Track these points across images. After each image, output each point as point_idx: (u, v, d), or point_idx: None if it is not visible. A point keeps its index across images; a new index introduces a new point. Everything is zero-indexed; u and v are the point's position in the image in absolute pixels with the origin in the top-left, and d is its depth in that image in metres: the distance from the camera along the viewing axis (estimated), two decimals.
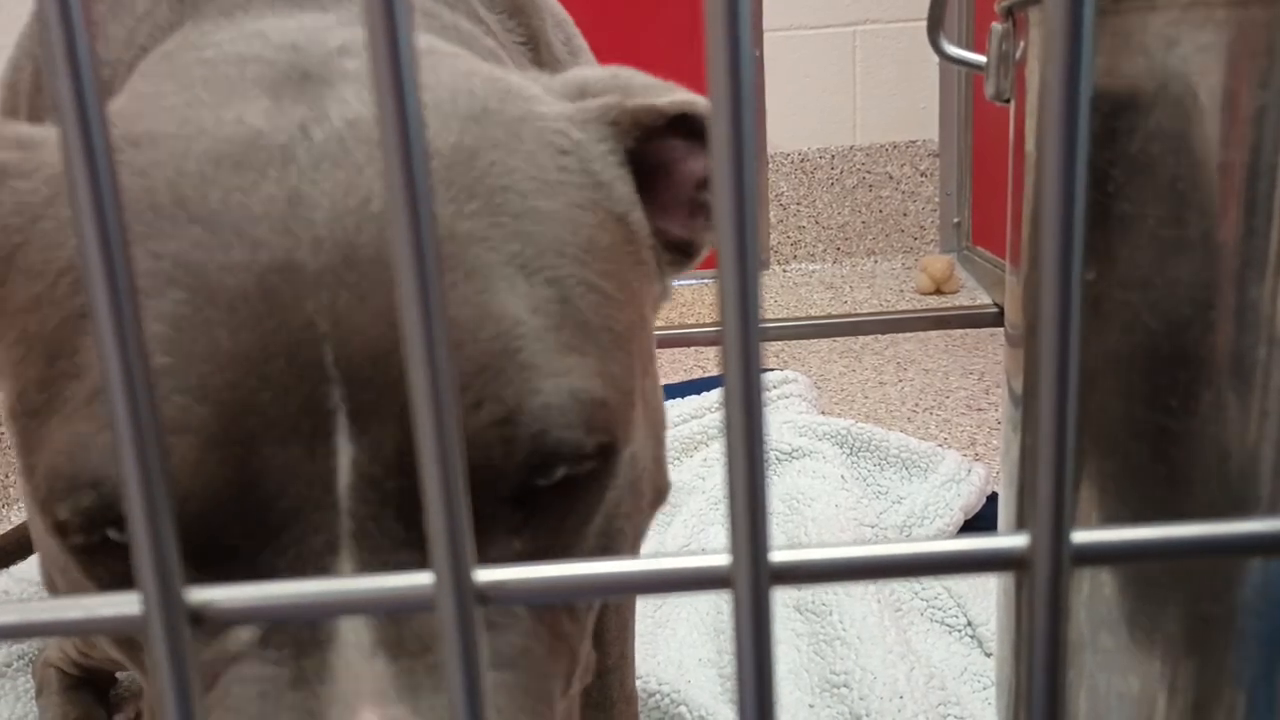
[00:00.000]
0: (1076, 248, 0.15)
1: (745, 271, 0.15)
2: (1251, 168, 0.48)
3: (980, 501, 1.16)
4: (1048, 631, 0.17)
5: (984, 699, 0.85)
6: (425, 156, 0.15)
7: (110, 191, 0.15)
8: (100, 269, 0.15)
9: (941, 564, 0.17)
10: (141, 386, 0.15)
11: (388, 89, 0.14)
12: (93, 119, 0.14)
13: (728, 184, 0.15)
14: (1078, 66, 0.15)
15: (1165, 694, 0.56)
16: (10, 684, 0.95)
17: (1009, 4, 0.61)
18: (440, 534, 0.16)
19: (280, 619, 0.15)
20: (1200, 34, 0.48)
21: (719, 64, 0.14)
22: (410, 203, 0.15)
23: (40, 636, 0.16)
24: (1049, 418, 0.16)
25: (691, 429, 1.40)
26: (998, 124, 2.13)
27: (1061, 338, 0.15)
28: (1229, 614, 0.53)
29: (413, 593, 0.16)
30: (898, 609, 0.97)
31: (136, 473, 0.15)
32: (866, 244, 2.58)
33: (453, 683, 0.16)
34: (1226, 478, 0.52)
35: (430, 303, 0.15)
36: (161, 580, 0.15)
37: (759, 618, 0.16)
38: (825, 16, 2.45)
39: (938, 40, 0.72)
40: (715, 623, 0.98)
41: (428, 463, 0.15)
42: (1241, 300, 0.50)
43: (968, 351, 1.84)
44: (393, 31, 0.14)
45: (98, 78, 0.14)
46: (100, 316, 0.15)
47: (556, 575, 0.17)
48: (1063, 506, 0.16)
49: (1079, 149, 0.15)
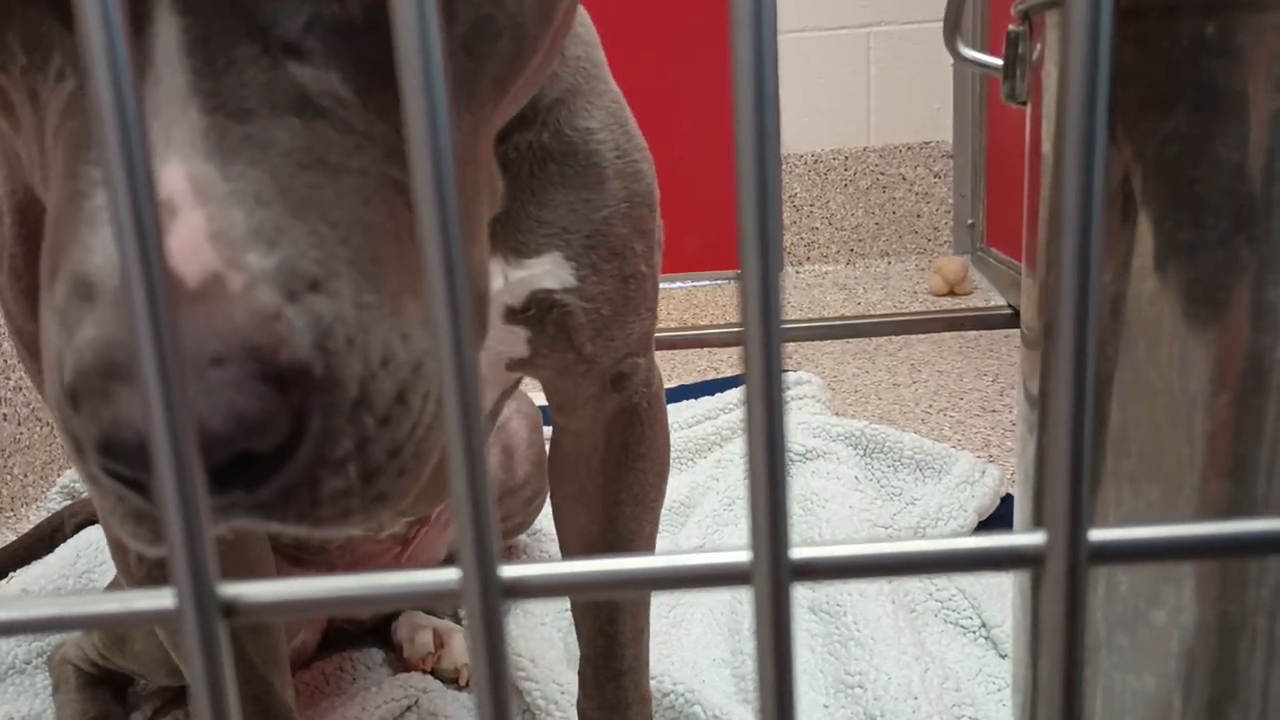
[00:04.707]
0: (1095, 250, 0.15)
1: (767, 272, 0.15)
2: (1269, 170, 0.48)
3: (994, 503, 1.16)
4: (1064, 630, 0.17)
5: (999, 700, 0.85)
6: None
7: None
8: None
9: (959, 561, 0.17)
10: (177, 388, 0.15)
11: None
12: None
13: (751, 187, 0.15)
14: (1097, 69, 0.15)
15: (1181, 693, 0.56)
16: (28, 680, 0.96)
17: (1026, 7, 0.61)
18: (468, 534, 0.16)
19: (311, 614, 0.16)
20: (1219, 37, 0.48)
21: (745, 70, 0.14)
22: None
23: (76, 630, 0.16)
24: (1067, 417, 0.16)
25: (706, 430, 1.40)
26: (1012, 125, 2.12)
27: (1079, 339, 0.16)
28: (1245, 613, 0.53)
29: (440, 587, 0.16)
30: (912, 610, 0.97)
31: (171, 471, 0.15)
32: (880, 245, 2.58)
33: (479, 677, 0.16)
34: (1246, 477, 0.52)
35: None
36: (194, 575, 0.16)
37: (779, 614, 0.17)
38: (840, 18, 2.45)
39: (954, 42, 0.72)
40: (729, 623, 0.98)
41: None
42: (1259, 302, 0.50)
43: (981, 353, 1.84)
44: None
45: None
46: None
47: (579, 571, 0.17)
48: (1080, 505, 0.16)
49: (1098, 151, 0.15)
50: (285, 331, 0.27)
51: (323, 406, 0.28)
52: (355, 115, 0.31)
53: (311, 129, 0.30)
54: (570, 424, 0.64)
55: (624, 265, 0.54)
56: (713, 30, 2.34)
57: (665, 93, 2.34)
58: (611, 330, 0.55)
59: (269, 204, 0.29)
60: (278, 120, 0.30)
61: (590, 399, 0.61)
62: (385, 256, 0.31)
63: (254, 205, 0.28)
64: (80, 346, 0.27)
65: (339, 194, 0.30)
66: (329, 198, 0.30)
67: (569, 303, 0.53)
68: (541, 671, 0.87)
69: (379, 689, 0.90)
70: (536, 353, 0.55)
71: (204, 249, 0.27)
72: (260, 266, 0.28)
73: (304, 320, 0.28)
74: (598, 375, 0.59)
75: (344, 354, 0.29)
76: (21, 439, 1.35)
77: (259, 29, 0.30)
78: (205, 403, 0.26)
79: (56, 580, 1.07)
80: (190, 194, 0.28)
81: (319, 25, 0.31)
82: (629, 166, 0.54)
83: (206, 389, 0.26)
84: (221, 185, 0.28)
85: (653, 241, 0.57)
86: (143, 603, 0.16)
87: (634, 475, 0.64)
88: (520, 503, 1.03)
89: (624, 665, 0.69)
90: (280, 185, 0.29)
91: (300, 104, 0.30)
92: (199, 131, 0.29)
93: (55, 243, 0.30)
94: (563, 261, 0.52)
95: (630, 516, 0.65)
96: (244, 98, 0.30)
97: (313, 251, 0.29)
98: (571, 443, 0.65)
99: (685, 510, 1.23)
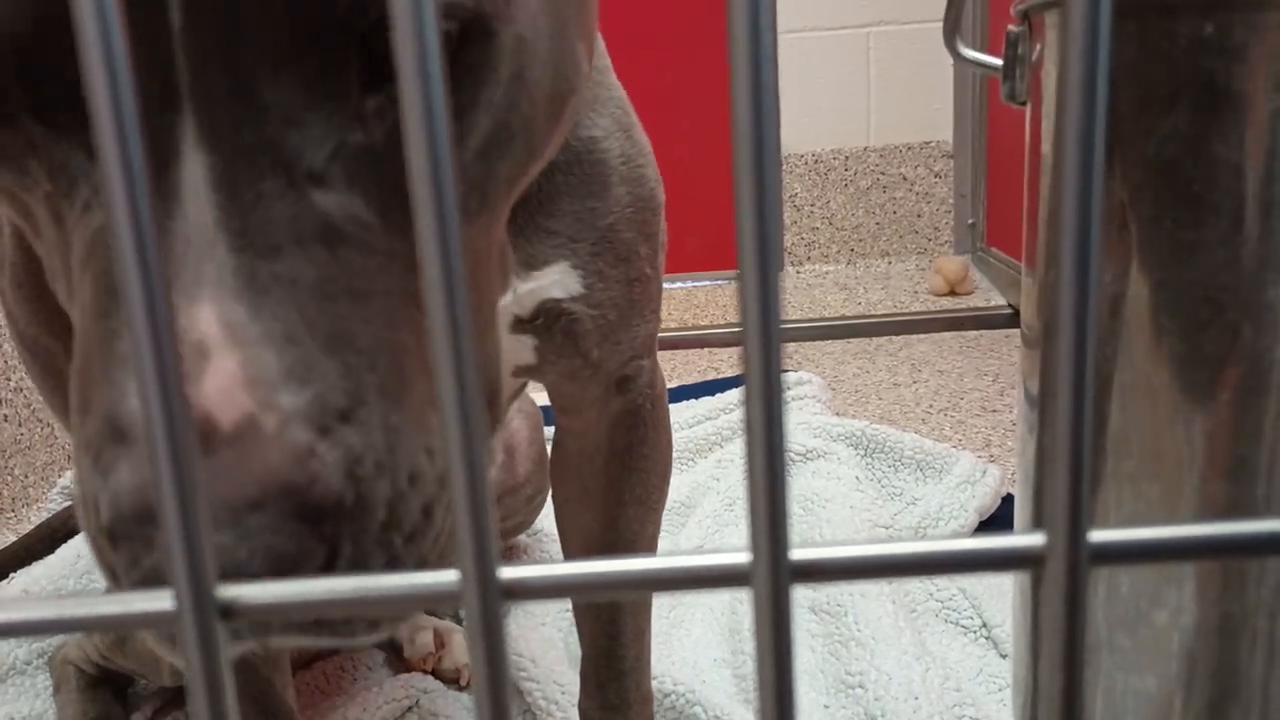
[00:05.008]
0: (1094, 249, 0.15)
1: (767, 272, 0.15)
2: (1269, 169, 0.48)
3: (995, 503, 1.16)
4: (1065, 630, 0.17)
5: (999, 700, 0.85)
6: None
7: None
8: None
9: (960, 562, 0.17)
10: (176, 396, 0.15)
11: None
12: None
13: (750, 187, 0.15)
14: (1096, 69, 0.15)
15: (1182, 694, 0.56)
16: (29, 681, 0.96)
17: (1025, 7, 0.61)
18: (468, 535, 0.16)
19: (311, 616, 0.16)
20: (1218, 36, 0.48)
21: (742, 70, 0.14)
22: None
23: (74, 631, 0.16)
24: (1067, 417, 0.16)
25: (706, 430, 1.40)
26: (1012, 125, 2.12)
27: (1079, 338, 0.16)
28: (1246, 614, 0.53)
29: (440, 589, 0.16)
30: (912, 610, 0.97)
31: (170, 473, 0.15)
32: (880, 245, 2.58)
33: (479, 678, 0.16)
34: (1245, 478, 0.52)
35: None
36: (193, 577, 0.16)
37: (779, 615, 0.17)
38: (840, 18, 2.45)
39: (954, 42, 0.72)
40: (730, 623, 0.98)
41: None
42: (1259, 301, 0.50)
43: (982, 353, 1.84)
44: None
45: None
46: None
47: (578, 573, 0.17)
48: (1080, 505, 0.16)
49: (1097, 151, 0.15)
50: (319, 467, 0.28)
51: (353, 533, 0.29)
52: (377, 236, 0.32)
53: (337, 257, 0.31)
54: (574, 425, 0.64)
55: (629, 270, 0.55)
56: (712, 30, 2.34)
57: (665, 93, 2.34)
58: (617, 335, 0.56)
59: (299, 342, 0.29)
60: (304, 253, 0.31)
61: (595, 401, 0.61)
62: (410, 374, 0.32)
63: (284, 345, 0.29)
64: (118, 491, 0.28)
65: (365, 320, 0.31)
66: (355, 326, 0.31)
67: (576, 310, 0.53)
68: (542, 672, 0.87)
69: (379, 689, 0.90)
70: (544, 360, 0.55)
71: (238, 392, 0.28)
72: (293, 405, 0.28)
73: (336, 454, 0.29)
74: (603, 379, 0.59)
75: (373, 480, 0.29)
76: (22, 440, 1.35)
77: (284, 161, 0.31)
78: (244, 548, 0.27)
79: (57, 581, 1.07)
80: (222, 336, 0.29)
81: (343, 154, 0.32)
82: (633, 171, 0.54)
83: (245, 533, 0.27)
84: (252, 326, 0.29)
85: (657, 244, 0.57)
86: (142, 604, 0.16)
87: (637, 476, 0.64)
88: (521, 501, 1.03)
89: (625, 665, 0.69)
90: (308, 320, 0.30)
91: (325, 233, 0.31)
92: (228, 270, 0.29)
93: (86, 379, 0.30)
94: (570, 270, 0.52)
95: (633, 518, 0.65)
96: (271, 233, 0.30)
97: (342, 383, 0.30)
98: (575, 443, 0.65)
99: (685, 511, 1.23)
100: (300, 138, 0.31)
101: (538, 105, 0.37)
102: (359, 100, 0.32)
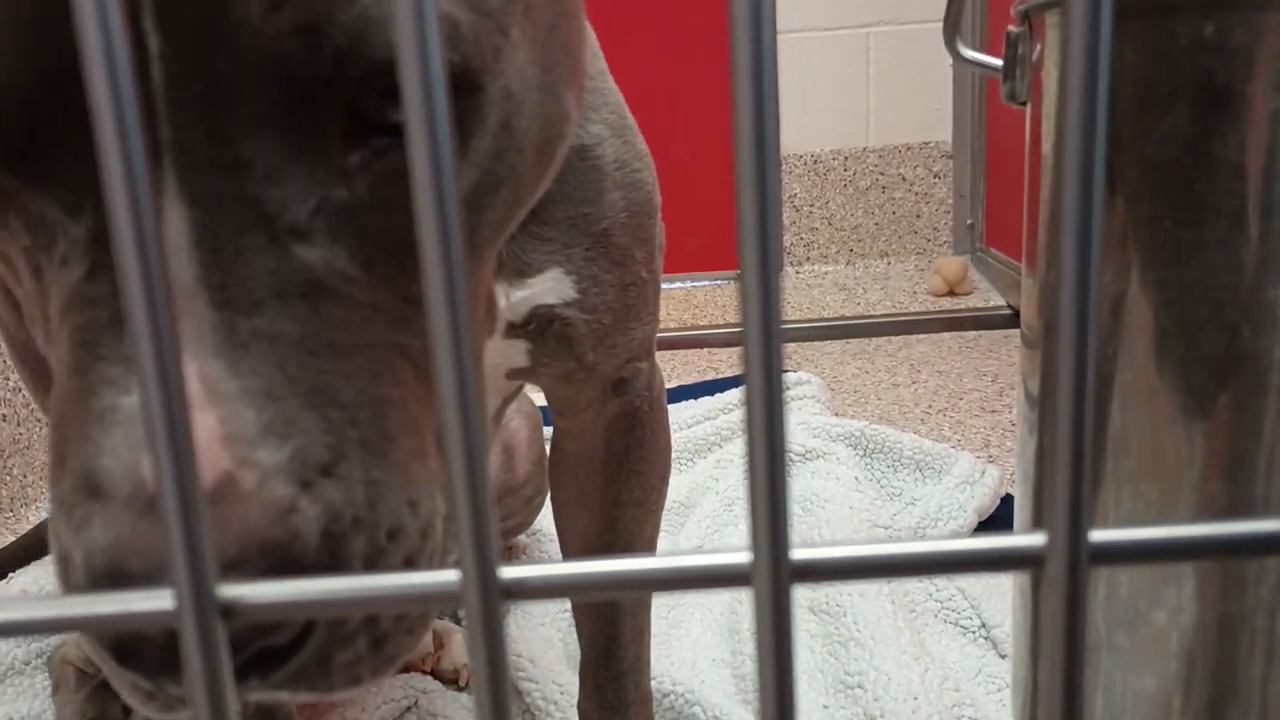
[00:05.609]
0: (1094, 249, 0.15)
1: (767, 273, 0.15)
2: (1268, 169, 0.48)
3: (994, 503, 1.16)
4: (1065, 630, 0.17)
5: (999, 700, 0.85)
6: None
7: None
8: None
9: (960, 562, 0.17)
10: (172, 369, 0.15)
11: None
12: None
13: (750, 187, 0.15)
14: (1096, 69, 0.15)
15: (1181, 693, 0.56)
16: (28, 681, 0.96)
17: (1026, 7, 0.61)
18: (468, 535, 0.16)
19: (311, 616, 0.16)
20: (1218, 37, 0.48)
21: (743, 70, 0.14)
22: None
23: (74, 631, 0.16)
24: (1067, 417, 0.16)
25: (705, 430, 1.40)
26: (1011, 125, 2.12)
27: (1079, 338, 0.16)
28: (1245, 613, 0.53)
29: (439, 589, 0.16)
30: (912, 610, 0.97)
31: (171, 474, 0.15)
32: (880, 245, 2.58)
33: (479, 678, 0.16)
34: (1245, 477, 0.52)
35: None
36: (194, 576, 0.16)
37: (779, 615, 0.17)
38: (839, 18, 2.45)
39: (953, 43, 0.72)
40: (729, 623, 0.98)
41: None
42: (1259, 301, 0.50)
43: (981, 353, 1.84)
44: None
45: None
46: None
47: (578, 573, 0.17)
48: (1080, 505, 0.16)
49: (1097, 151, 0.15)
50: (299, 522, 0.28)
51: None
52: (360, 289, 0.32)
53: (319, 311, 0.31)
54: (571, 427, 0.64)
55: (624, 274, 0.54)
56: (712, 30, 2.34)
57: (665, 93, 2.34)
58: (613, 338, 0.55)
59: (279, 397, 0.29)
60: (286, 307, 0.30)
61: (591, 403, 0.61)
62: (394, 428, 0.31)
63: (264, 400, 0.29)
64: (92, 550, 0.28)
65: (348, 374, 0.31)
66: (337, 380, 0.31)
67: (570, 315, 0.53)
68: (541, 672, 0.87)
69: (378, 689, 0.90)
70: (537, 362, 0.55)
71: (216, 450, 0.28)
72: (272, 461, 0.28)
73: (316, 509, 0.29)
74: (599, 381, 0.59)
75: (351, 537, 0.29)
76: (21, 439, 1.35)
77: (266, 216, 0.31)
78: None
79: (56, 581, 1.06)
80: (201, 394, 0.28)
81: (325, 208, 0.32)
82: (628, 176, 0.54)
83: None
84: (231, 383, 0.29)
85: (653, 247, 0.57)
86: (142, 604, 0.16)
87: (635, 478, 0.64)
88: (521, 501, 1.03)
89: (624, 666, 0.69)
90: (289, 375, 0.30)
91: (307, 287, 0.31)
92: (208, 326, 0.29)
93: (63, 434, 0.30)
94: (563, 276, 0.52)
95: (631, 519, 0.65)
96: (252, 288, 0.30)
97: (323, 438, 0.29)
98: (573, 445, 0.65)
99: (685, 511, 1.23)
100: (282, 193, 0.31)
101: (525, 154, 0.37)
102: (342, 155, 0.32)
